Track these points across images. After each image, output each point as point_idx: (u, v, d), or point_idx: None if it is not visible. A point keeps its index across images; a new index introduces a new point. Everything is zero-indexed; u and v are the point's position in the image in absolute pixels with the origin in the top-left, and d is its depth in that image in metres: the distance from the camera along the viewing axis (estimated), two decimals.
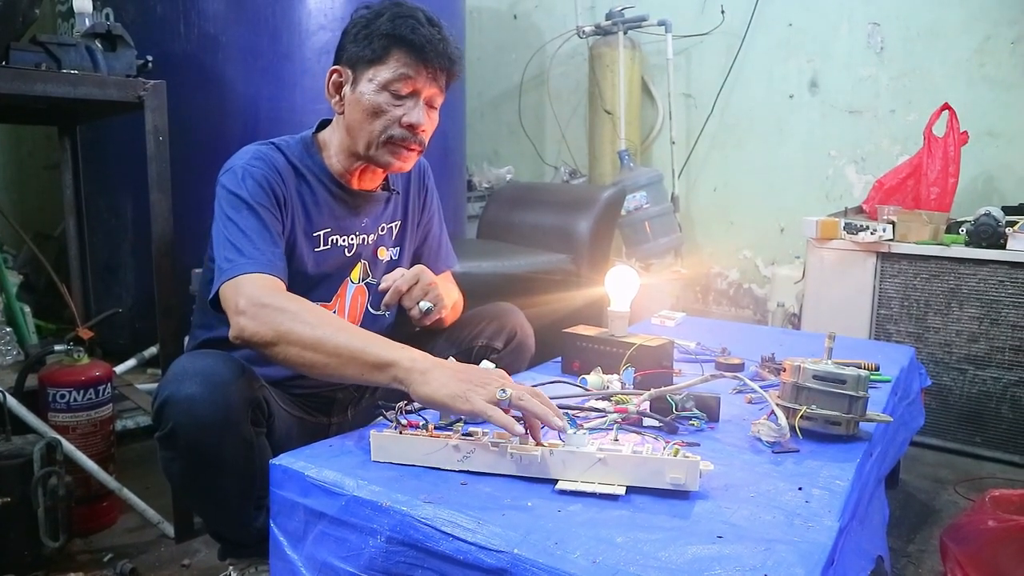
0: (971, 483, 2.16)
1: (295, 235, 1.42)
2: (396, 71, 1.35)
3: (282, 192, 1.38)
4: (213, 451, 1.20)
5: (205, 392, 1.17)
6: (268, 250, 1.29)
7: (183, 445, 1.20)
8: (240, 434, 1.22)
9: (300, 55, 2.49)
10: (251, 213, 1.32)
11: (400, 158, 1.41)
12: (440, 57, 1.36)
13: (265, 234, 1.31)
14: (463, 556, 0.89)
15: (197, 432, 1.18)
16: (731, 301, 3.76)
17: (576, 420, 1.23)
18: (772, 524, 0.93)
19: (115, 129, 2.51)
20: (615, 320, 1.56)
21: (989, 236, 2.28)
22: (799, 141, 3.46)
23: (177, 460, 1.23)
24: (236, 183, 1.34)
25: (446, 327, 1.63)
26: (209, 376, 1.18)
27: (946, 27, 3.02)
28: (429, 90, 1.39)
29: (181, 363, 1.22)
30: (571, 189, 3.63)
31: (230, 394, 1.19)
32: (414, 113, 1.37)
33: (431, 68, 1.36)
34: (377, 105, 1.36)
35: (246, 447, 1.23)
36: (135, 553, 1.70)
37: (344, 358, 1.15)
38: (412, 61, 1.35)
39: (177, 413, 1.17)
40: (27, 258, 3.17)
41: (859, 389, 1.22)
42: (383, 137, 1.38)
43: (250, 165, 1.36)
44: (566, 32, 4.00)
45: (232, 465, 1.23)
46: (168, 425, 1.19)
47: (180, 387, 1.17)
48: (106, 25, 1.75)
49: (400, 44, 1.34)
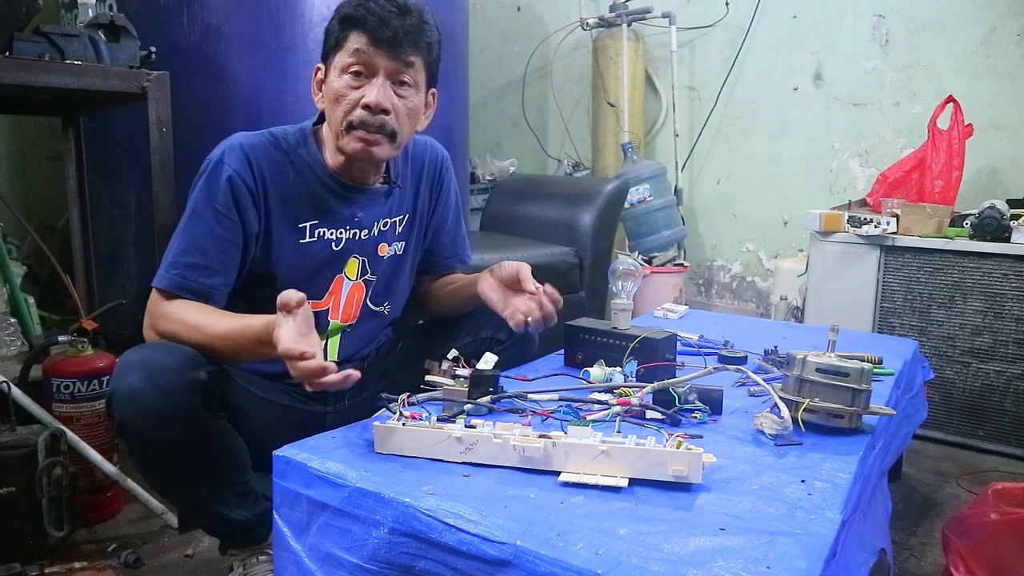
0: (973, 476, 2.16)
1: (272, 226, 1.41)
2: (350, 51, 1.33)
3: (252, 187, 1.37)
4: (162, 439, 1.21)
5: (146, 381, 1.18)
6: (188, 262, 1.33)
7: (133, 436, 1.21)
8: (187, 419, 1.22)
9: (303, 46, 2.48)
10: (197, 220, 1.35)
11: (365, 144, 1.36)
12: (393, 30, 1.32)
13: (199, 243, 1.34)
14: (466, 547, 0.89)
15: (143, 421, 1.19)
16: (734, 294, 3.76)
17: (579, 412, 1.24)
18: (774, 516, 0.93)
19: (118, 120, 2.51)
20: (618, 313, 1.56)
21: (993, 229, 2.27)
22: (803, 134, 3.45)
23: (134, 452, 1.25)
24: (196, 185, 1.37)
25: (454, 318, 1.64)
26: (148, 365, 1.20)
27: (951, 19, 3.01)
28: (388, 65, 1.34)
29: (126, 355, 1.24)
30: (574, 182, 3.62)
31: (170, 379, 1.19)
32: (371, 92, 1.33)
33: (384, 41, 1.32)
34: (337, 91, 1.35)
35: (198, 431, 1.24)
36: (139, 543, 1.71)
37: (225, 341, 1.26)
38: (364, 38, 1.32)
39: (121, 405, 1.19)
40: (31, 249, 3.17)
41: (862, 382, 1.22)
42: (344, 123, 1.35)
43: (220, 163, 1.36)
44: (570, 24, 3.98)
45: (187, 451, 1.24)
46: (116, 417, 1.20)
47: (123, 379, 1.19)
48: (109, 15, 1.75)
49: (352, 24, 1.33)
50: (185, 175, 1.75)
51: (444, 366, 1.36)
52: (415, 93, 1.40)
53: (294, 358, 1.08)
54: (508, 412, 1.25)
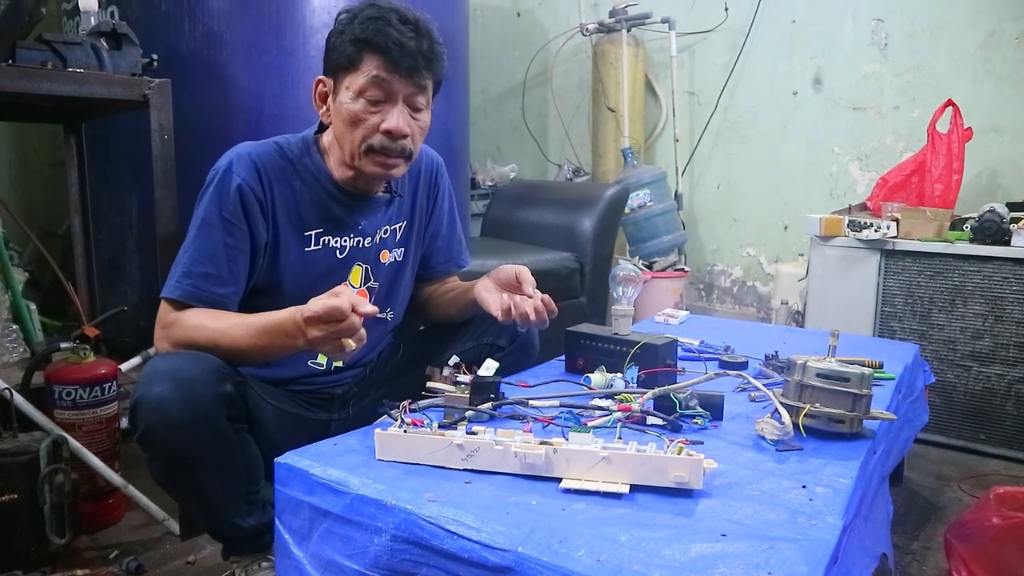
0: (975, 480, 2.16)
1: (280, 235, 1.41)
2: (368, 76, 1.33)
3: (261, 196, 1.38)
4: (187, 449, 1.21)
5: (174, 391, 1.17)
6: (201, 272, 1.33)
7: (157, 446, 1.21)
8: (213, 430, 1.22)
9: (304, 52, 2.49)
10: (207, 230, 1.34)
11: (384, 168, 1.39)
12: (412, 56, 1.33)
13: (210, 252, 1.34)
14: (467, 554, 0.90)
15: (169, 432, 1.18)
16: (735, 299, 3.76)
17: (580, 418, 1.24)
18: (776, 522, 0.93)
19: (120, 126, 2.52)
20: (619, 318, 1.56)
21: (994, 233, 2.27)
22: (803, 138, 3.45)
23: (155, 461, 1.24)
24: (205, 195, 1.37)
25: (454, 324, 1.65)
26: (176, 375, 1.19)
27: (950, 23, 3.01)
28: (406, 90, 1.35)
29: (152, 364, 1.24)
30: (574, 187, 3.63)
31: (199, 391, 1.19)
32: (392, 118, 1.35)
33: (404, 69, 1.33)
34: (354, 114, 1.35)
35: (222, 443, 1.24)
36: (141, 550, 1.71)
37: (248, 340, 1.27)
38: (383, 64, 1.32)
39: (147, 414, 1.18)
40: (32, 255, 3.18)
41: (863, 387, 1.22)
42: (363, 147, 1.36)
43: (229, 172, 1.36)
44: (569, 29, 3.99)
45: (210, 462, 1.24)
46: (141, 427, 1.19)
47: (150, 388, 1.18)
48: (111, 23, 1.76)
49: (370, 48, 1.32)
50: (186, 182, 1.76)
51: (445, 372, 1.36)
52: (427, 112, 1.42)
53: (333, 306, 1.14)
54: (509, 418, 1.26)
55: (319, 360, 1.53)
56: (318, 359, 1.52)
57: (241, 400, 1.28)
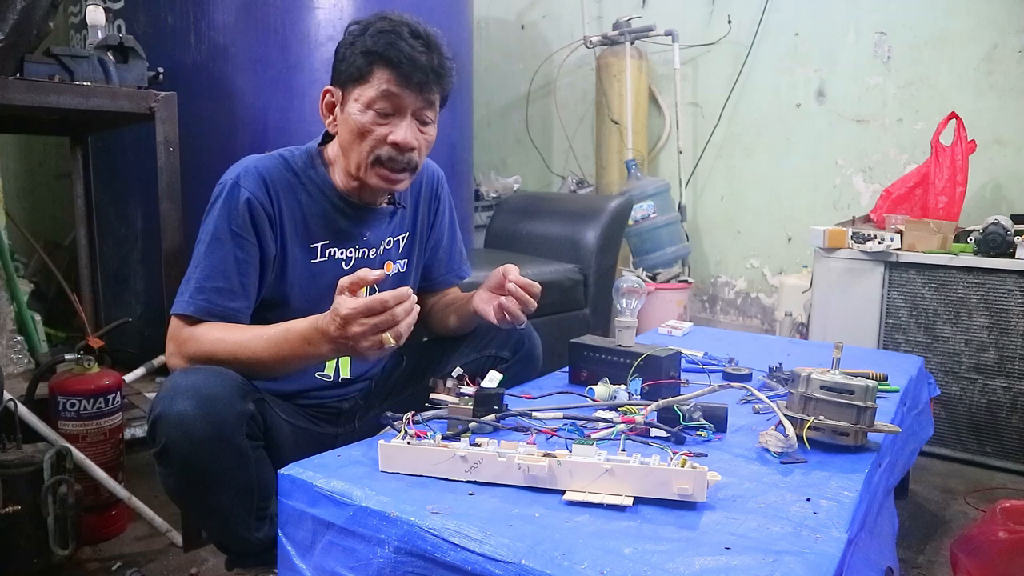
0: (981, 494, 2.15)
1: (287, 248, 1.42)
2: (378, 89, 1.33)
3: (269, 210, 1.38)
4: (207, 466, 1.20)
5: (196, 408, 1.17)
6: (214, 287, 1.33)
7: (177, 461, 1.20)
8: (234, 448, 1.21)
9: (309, 65, 2.51)
10: (217, 245, 1.34)
11: (388, 182, 1.40)
12: (423, 71, 1.34)
13: (221, 267, 1.34)
14: (471, 567, 0.89)
15: (190, 448, 1.18)
16: (738, 310, 3.76)
17: (584, 430, 1.24)
18: (780, 535, 0.93)
19: (126, 139, 2.53)
20: (622, 330, 1.56)
21: (998, 245, 2.27)
22: (806, 150, 3.46)
23: (172, 476, 1.23)
24: (213, 209, 1.37)
25: (457, 336, 1.65)
26: (200, 391, 1.18)
27: (953, 36, 3.02)
28: (415, 104, 1.37)
29: (174, 379, 1.23)
30: (578, 199, 3.63)
31: (221, 409, 1.19)
32: (400, 131, 1.35)
33: (414, 84, 1.34)
34: (363, 125, 1.35)
35: (241, 460, 1.23)
36: (143, 562, 1.71)
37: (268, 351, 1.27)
38: (394, 78, 1.33)
39: (169, 430, 1.17)
40: (38, 267, 3.19)
41: (867, 399, 1.22)
42: (371, 159, 1.37)
43: (237, 185, 1.36)
44: (573, 42, 4.01)
45: (228, 479, 1.23)
46: (161, 442, 1.19)
47: (172, 404, 1.18)
48: (118, 37, 1.77)
49: (381, 62, 1.33)
50: (191, 194, 1.77)
51: (448, 384, 1.36)
52: (434, 126, 1.43)
53: (374, 297, 1.16)
54: (513, 430, 1.25)
55: (326, 372, 1.53)
56: (325, 370, 1.53)
57: (260, 417, 1.28)
